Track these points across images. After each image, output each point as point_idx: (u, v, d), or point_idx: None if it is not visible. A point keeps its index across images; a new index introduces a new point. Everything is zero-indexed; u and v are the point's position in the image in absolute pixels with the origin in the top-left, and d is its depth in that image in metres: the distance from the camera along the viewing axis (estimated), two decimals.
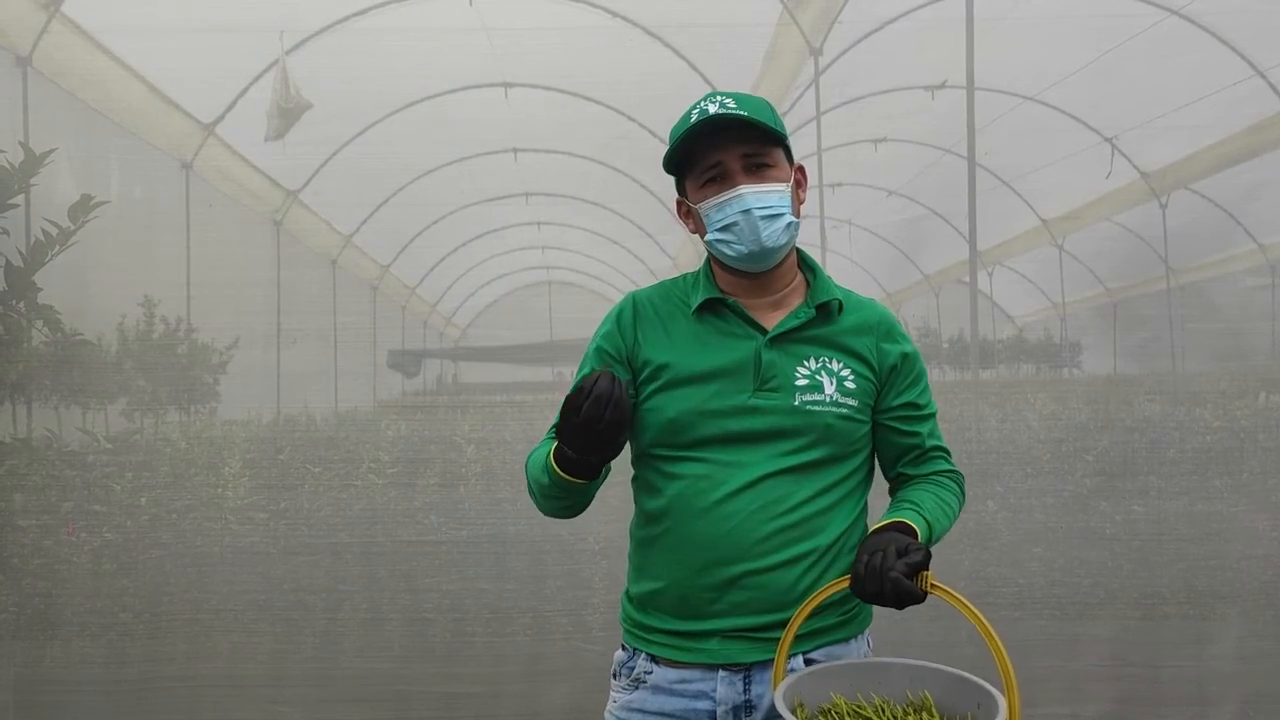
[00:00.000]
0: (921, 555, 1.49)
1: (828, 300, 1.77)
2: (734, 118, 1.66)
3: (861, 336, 1.78)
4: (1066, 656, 3.90)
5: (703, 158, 1.71)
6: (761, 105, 1.71)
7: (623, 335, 1.81)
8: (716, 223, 1.71)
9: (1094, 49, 4.92)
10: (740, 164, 1.69)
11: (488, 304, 6.11)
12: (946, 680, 1.53)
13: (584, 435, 1.55)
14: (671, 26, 4.78)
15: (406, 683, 3.88)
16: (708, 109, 1.68)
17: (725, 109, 1.67)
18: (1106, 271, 5.90)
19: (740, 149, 1.69)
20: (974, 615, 1.40)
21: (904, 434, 1.81)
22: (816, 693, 1.55)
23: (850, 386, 1.73)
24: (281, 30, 4.43)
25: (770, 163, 1.71)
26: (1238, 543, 4.01)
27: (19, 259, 3.93)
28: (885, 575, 1.46)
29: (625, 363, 1.79)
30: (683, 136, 1.69)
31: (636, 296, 1.85)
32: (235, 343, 4.38)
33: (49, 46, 4.09)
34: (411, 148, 4.99)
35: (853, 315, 1.79)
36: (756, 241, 1.69)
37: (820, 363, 1.73)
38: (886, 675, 1.59)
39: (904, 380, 1.80)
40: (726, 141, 1.68)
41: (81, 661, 3.81)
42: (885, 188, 6.53)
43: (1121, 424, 4.26)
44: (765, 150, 1.71)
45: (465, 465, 4.18)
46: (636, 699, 1.77)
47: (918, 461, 1.83)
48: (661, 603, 1.75)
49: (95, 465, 3.98)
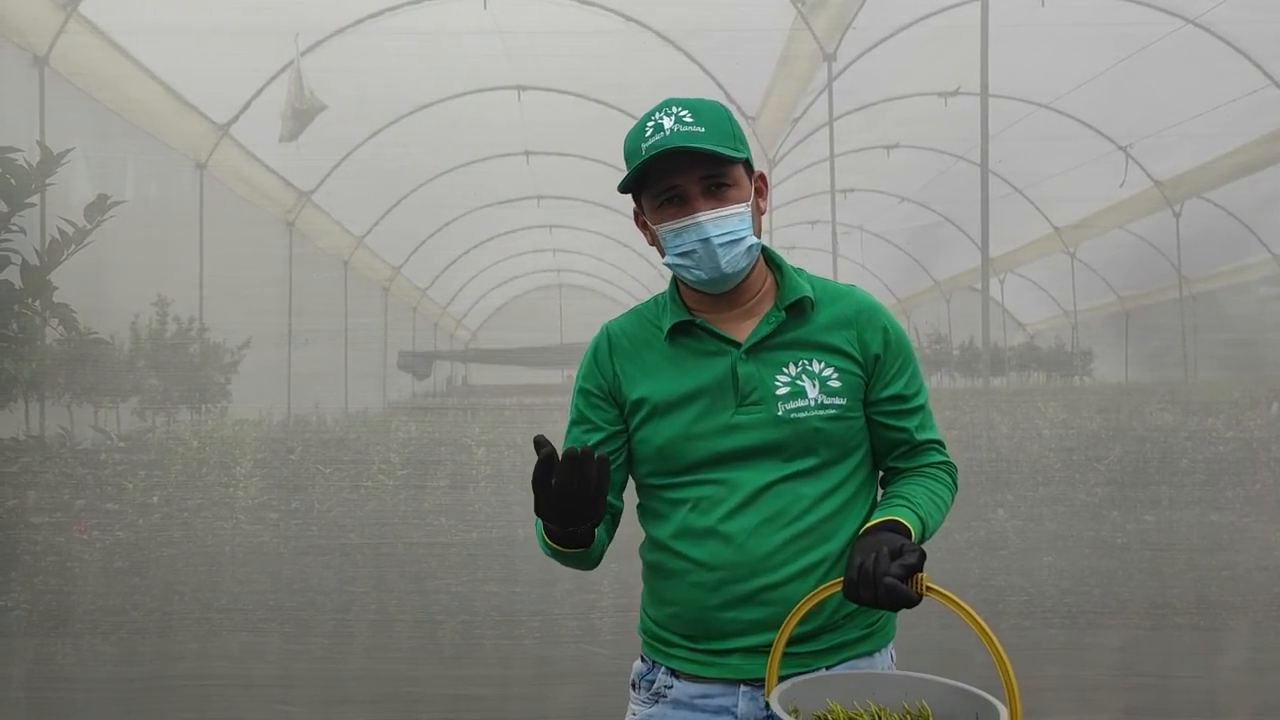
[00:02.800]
0: (916, 557, 1.43)
1: (798, 299, 1.70)
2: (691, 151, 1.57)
3: (841, 330, 1.71)
4: (1076, 665, 3.88)
5: (659, 179, 1.62)
6: (719, 118, 1.63)
7: (601, 372, 1.77)
8: (675, 248, 1.65)
9: (1109, 57, 4.92)
10: (698, 187, 1.61)
11: (498, 306, 6.13)
12: (945, 691, 1.50)
13: (558, 506, 1.51)
14: (684, 31, 4.79)
15: (415, 684, 3.88)
16: (663, 124, 1.60)
17: (683, 126, 1.58)
18: (1119, 280, 5.89)
19: (698, 171, 1.60)
20: (972, 618, 1.37)
21: (892, 429, 1.74)
22: (813, 699, 1.54)
23: (835, 385, 1.67)
24: (296, 32, 4.45)
25: (729, 182, 1.62)
26: (1249, 553, 3.99)
27: (35, 258, 3.95)
28: (879, 580, 1.41)
29: (609, 398, 1.76)
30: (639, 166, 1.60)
31: (610, 329, 1.81)
32: (247, 343, 4.40)
33: (66, 46, 4.11)
34: (424, 150, 5.01)
35: (828, 309, 1.72)
36: (716, 269, 1.63)
37: (800, 367, 1.68)
38: (884, 685, 1.56)
39: (889, 370, 1.72)
40: (684, 164, 1.59)
41: (92, 659, 3.82)
42: (897, 194, 6.52)
43: (1133, 433, 4.24)
44: (724, 170, 1.62)
45: (475, 467, 4.18)
46: (657, 713, 1.74)
47: (909, 455, 1.76)
48: (679, 626, 1.73)
49: (107, 463, 4.00)
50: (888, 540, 1.47)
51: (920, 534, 1.59)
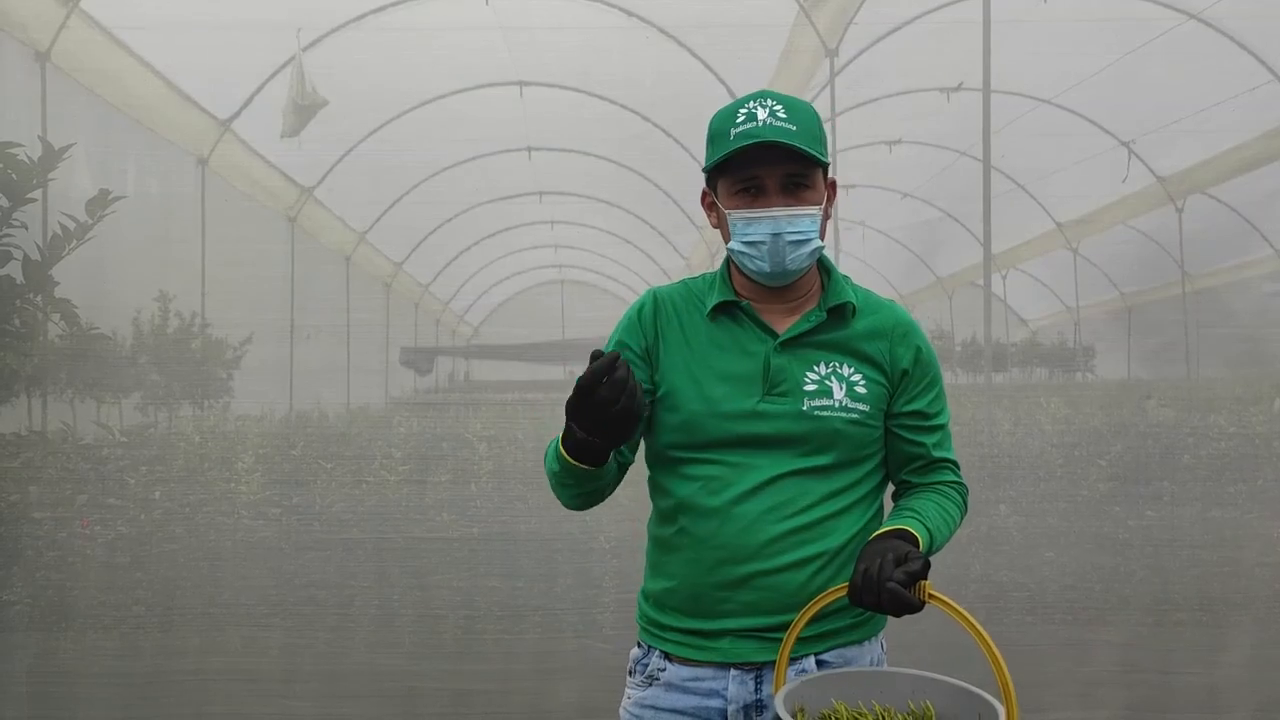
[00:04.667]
0: (920, 564, 1.47)
1: (841, 304, 1.74)
2: (783, 146, 1.59)
3: (875, 341, 1.75)
4: (1078, 661, 3.88)
5: (742, 167, 1.64)
6: (811, 120, 1.65)
7: (644, 330, 1.79)
8: (743, 235, 1.68)
9: (1112, 52, 4.90)
10: (779, 182, 1.64)
11: (500, 302, 6.12)
12: (949, 691, 1.52)
13: (594, 416, 1.53)
14: (687, 26, 4.78)
15: (417, 679, 3.89)
16: (757, 113, 1.62)
17: (776, 120, 1.61)
18: (1121, 276, 5.89)
19: (783, 168, 1.63)
20: (972, 626, 1.39)
21: (909, 442, 1.78)
22: (818, 699, 1.55)
23: (861, 391, 1.71)
24: (298, 27, 4.45)
25: (809, 184, 1.66)
26: (1252, 549, 3.99)
27: (37, 253, 3.95)
28: (882, 584, 1.45)
29: (645, 356, 1.78)
30: (729, 151, 1.62)
31: (658, 293, 1.84)
32: (249, 338, 4.39)
33: (67, 42, 4.11)
34: (426, 145, 5.00)
35: (867, 319, 1.77)
36: (780, 264, 1.67)
37: (830, 368, 1.72)
38: (889, 684, 1.58)
39: (915, 387, 1.77)
40: (771, 157, 1.62)
41: (94, 654, 3.83)
42: (900, 190, 6.52)
43: (1135, 429, 4.24)
44: (807, 171, 1.65)
45: (477, 463, 4.18)
46: (650, 696, 1.78)
47: (923, 470, 1.80)
48: (675, 601, 1.76)
49: (109, 459, 4.00)
50: (893, 547, 1.51)
51: (928, 546, 1.62)
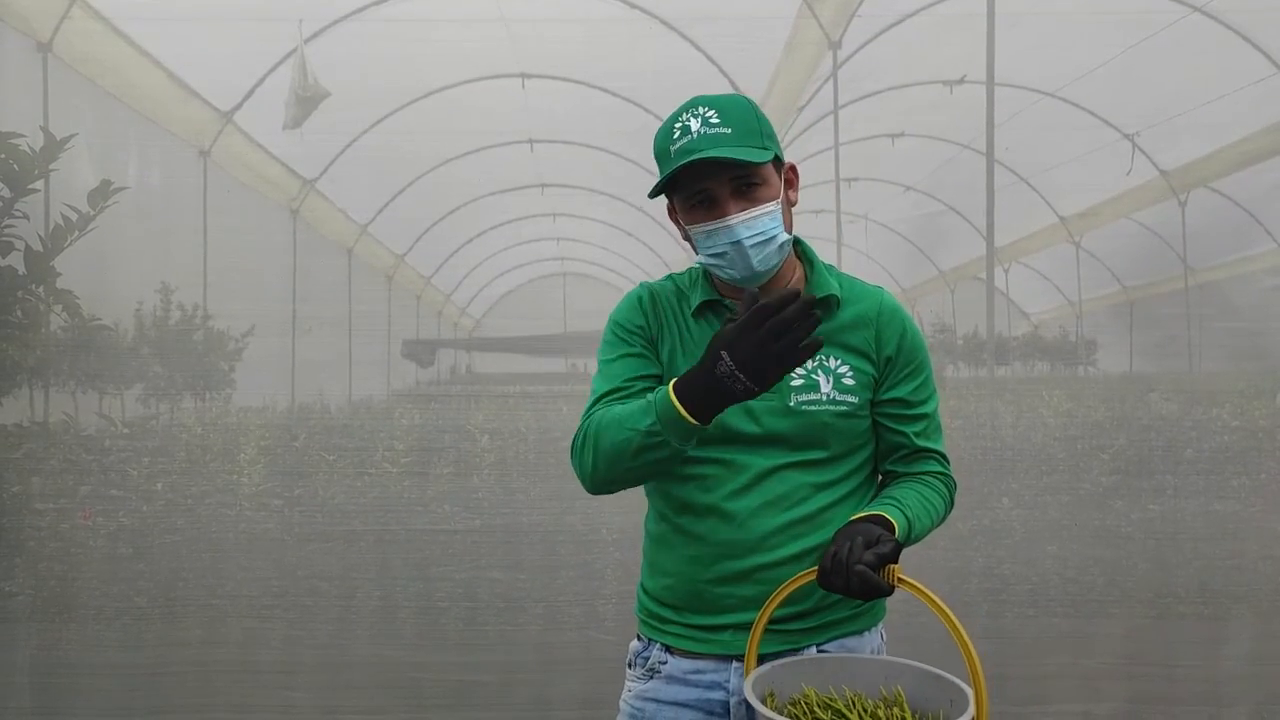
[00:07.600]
0: (890, 547, 1.46)
1: (824, 296, 1.72)
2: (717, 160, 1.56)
3: (859, 330, 1.73)
4: (1080, 654, 3.88)
5: (688, 183, 1.62)
6: (746, 116, 1.62)
7: (646, 317, 1.78)
8: (707, 249, 1.66)
9: (1115, 45, 4.89)
10: (728, 188, 1.61)
11: (502, 295, 6.13)
12: (920, 676, 1.52)
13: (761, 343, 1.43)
14: (690, 18, 4.77)
15: (419, 671, 3.89)
16: (690, 125, 1.60)
17: (709, 128, 1.58)
18: (1124, 269, 5.88)
19: (727, 174, 1.60)
20: (941, 610, 1.38)
21: (892, 431, 1.76)
22: (788, 684, 1.55)
23: (849, 383, 1.70)
24: (300, 18, 4.45)
25: (758, 181, 1.62)
26: (1254, 543, 3.98)
27: (39, 243, 3.94)
28: (851, 567, 1.43)
29: (651, 343, 1.77)
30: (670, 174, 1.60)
31: (651, 286, 1.83)
32: (251, 330, 4.39)
33: (69, 33, 4.10)
34: (428, 137, 4.99)
35: (852, 308, 1.75)
36: (749, 268, 1.64)
37: (817, 361, 1.70)
38: (860, 669, 1.58)
39: (898, 373, 1.75)
40: (712, 169, 1.59)
41: (96, 645, 3.83)
42: (902, 183, 6.51)
43: (1138, 423, 4.23)
44: (753, 171, 1.61)
45: (479, 455, 4.18)
46: (651, 688, 1.78)
47: (907, 460, 1.78)
48: (675, 597, 1.76)
49: (112, 450, 4.00)
50: (864, 530, 1.50)
51: (905, 533, 1.60)
